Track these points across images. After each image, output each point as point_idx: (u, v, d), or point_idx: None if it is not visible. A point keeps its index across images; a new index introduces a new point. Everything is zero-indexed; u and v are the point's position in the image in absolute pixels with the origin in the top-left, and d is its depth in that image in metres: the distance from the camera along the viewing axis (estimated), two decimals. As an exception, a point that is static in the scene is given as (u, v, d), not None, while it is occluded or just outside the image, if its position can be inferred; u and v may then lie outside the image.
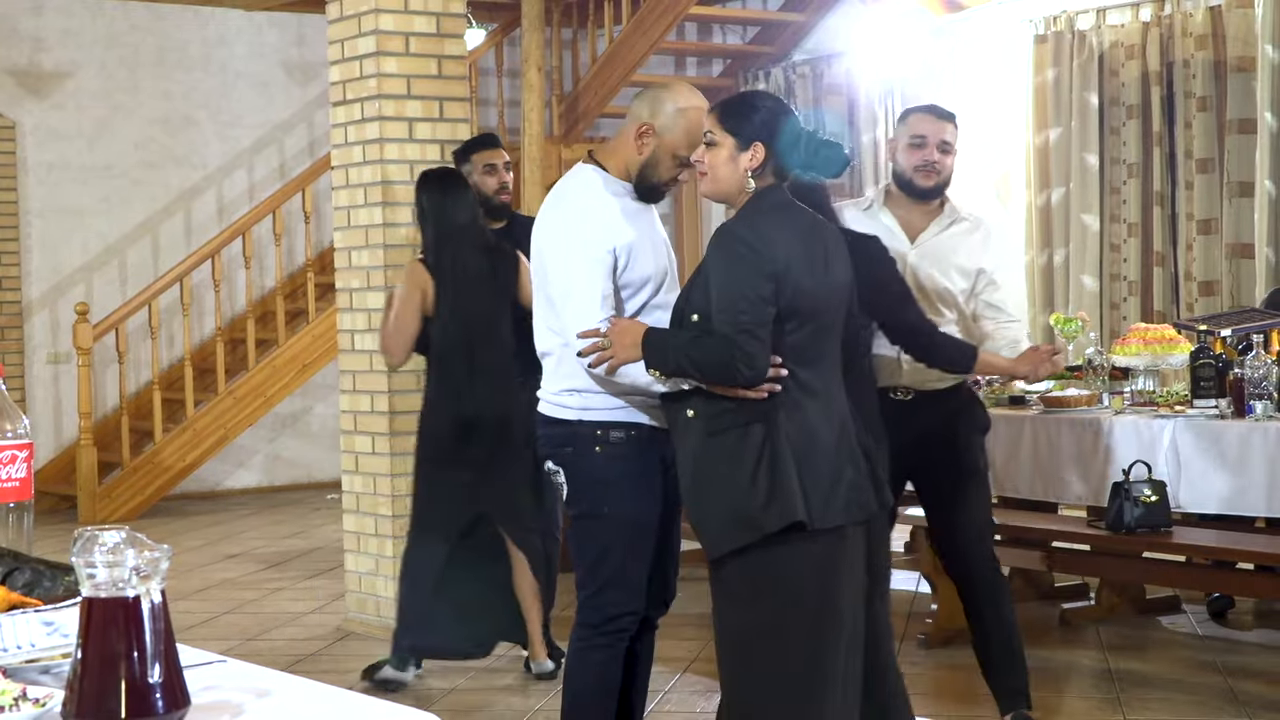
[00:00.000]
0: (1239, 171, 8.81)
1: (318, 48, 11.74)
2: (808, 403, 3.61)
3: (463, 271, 5.80)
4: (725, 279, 3.57)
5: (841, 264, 3.73)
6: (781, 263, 3.55)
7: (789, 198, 3.72)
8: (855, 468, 3.66)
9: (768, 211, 3.65)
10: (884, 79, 10.80)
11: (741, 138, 3.66)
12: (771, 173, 3.68)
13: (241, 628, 7.25)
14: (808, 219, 3.71)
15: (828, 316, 3.67)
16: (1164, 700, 5.61)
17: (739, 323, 3.53)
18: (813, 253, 3.64)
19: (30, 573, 2.20)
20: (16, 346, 11.45)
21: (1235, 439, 5.77)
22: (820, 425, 3.61)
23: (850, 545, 3.66)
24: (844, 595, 3.66)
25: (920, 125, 5.00)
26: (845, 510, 3.61)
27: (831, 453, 3.61)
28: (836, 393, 3.69)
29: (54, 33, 11.49)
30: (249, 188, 12.20)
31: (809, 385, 3.62)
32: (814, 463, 3.58)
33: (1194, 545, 5.98)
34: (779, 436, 3.55)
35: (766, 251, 3.55)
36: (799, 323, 3.59)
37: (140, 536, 1.76)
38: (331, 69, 7.10)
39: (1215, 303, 8.81)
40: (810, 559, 3.59)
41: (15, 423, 2.46)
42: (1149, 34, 9.19)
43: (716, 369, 3.57)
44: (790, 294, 3.56)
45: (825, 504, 3.57)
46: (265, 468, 12.26)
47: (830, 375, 3.69)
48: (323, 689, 1.98)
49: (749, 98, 3.80)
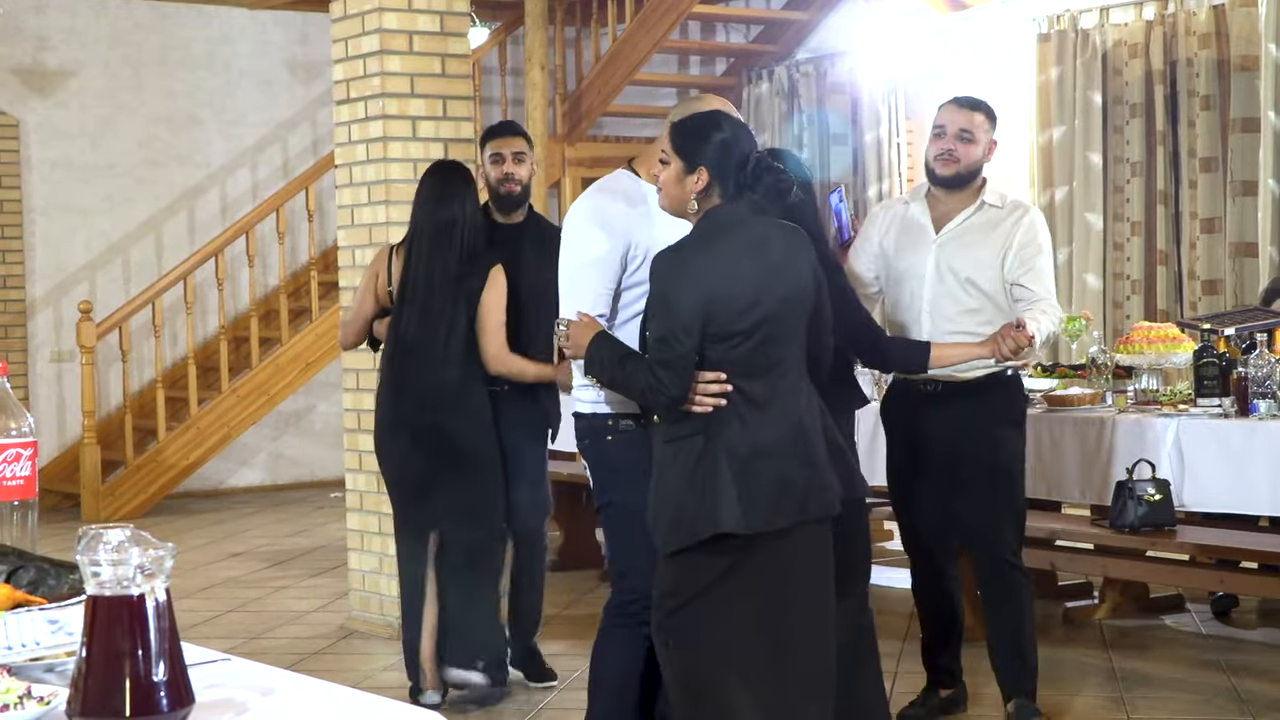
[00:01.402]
0: (1242, 170, 8.81)
1: (321, 46, 11.75)
2: (752, 415, 3.73)
3: (425, 274, 5.55)
4: (656, 308, 3.77)
5: (797, 274, 3.80)
6: (707, 289, 3.69)
7: (736, 216, 3.79)
8: (812, 468, 3.77)
9: (707, 235, 3.79)
10: (887, 78, 10.80)
11: (688, 161, 3.79)
12: (718, 195, 3.78)
13: (245, 626, 7.25)
14: (755, 234, 3.79)
15: (777, 327, 3.75)
16: (1167, 699, 5.60)
17: (658, 353, 3.72)
18: (755, 268, 3.74)
19: (35, 571, 2.20)
20: (20, 345, 11.45)
21: (1239, 438, 5.76)
22: (765, 435, 3.74)
23: (802, 545, 3.79)
24: (793, 594, 3.79)
25: (942, 115, 5.11)
26: (798, 511, 3.76)
27: (779, 459, 3.73)
28: (788, 399, 3.78)
29: (58, 31, 11.50)
30: (252, 186, 12.21)
31: (755, 397, 3.74)
32: (755, 472, 3.71)
33: (1198, 544, 5.98)
34: (718, 448, 3.72)
35: (691, 280, 3.70)
36: (742, 339, 3.72)
37: (145, 535, 1.76)
38: (335, 67, 7.10)
39: (1218, 301, 8.81)
40: (748, 564, 3.75)
41: (20, 421, 2.46)
42: (1152, 33, 9.19)
43: (634, 392, 3.83)
44: (725, 315, 3.70)
45: (768, 510, 3.72)
46: (268, 466, 12.26)
47: (782, 383, 3.78)
48: (327, 687, 1.98)
49: (700, 121, 3.87)
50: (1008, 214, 5.07)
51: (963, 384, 5.03)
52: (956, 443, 5.05)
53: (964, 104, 5.14)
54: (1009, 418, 5.12)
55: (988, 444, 5.05)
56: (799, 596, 3.80)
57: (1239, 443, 5.75)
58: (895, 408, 5.28)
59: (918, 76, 10.62)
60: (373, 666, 6.41)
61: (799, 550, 3.79)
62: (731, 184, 3.77)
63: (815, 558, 3.83)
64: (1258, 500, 5.76)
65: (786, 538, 3.75)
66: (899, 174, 10.92)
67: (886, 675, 5.74)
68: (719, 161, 3.76)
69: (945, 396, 5.06)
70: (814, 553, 3.82)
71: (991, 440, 5.05)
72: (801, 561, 3.80)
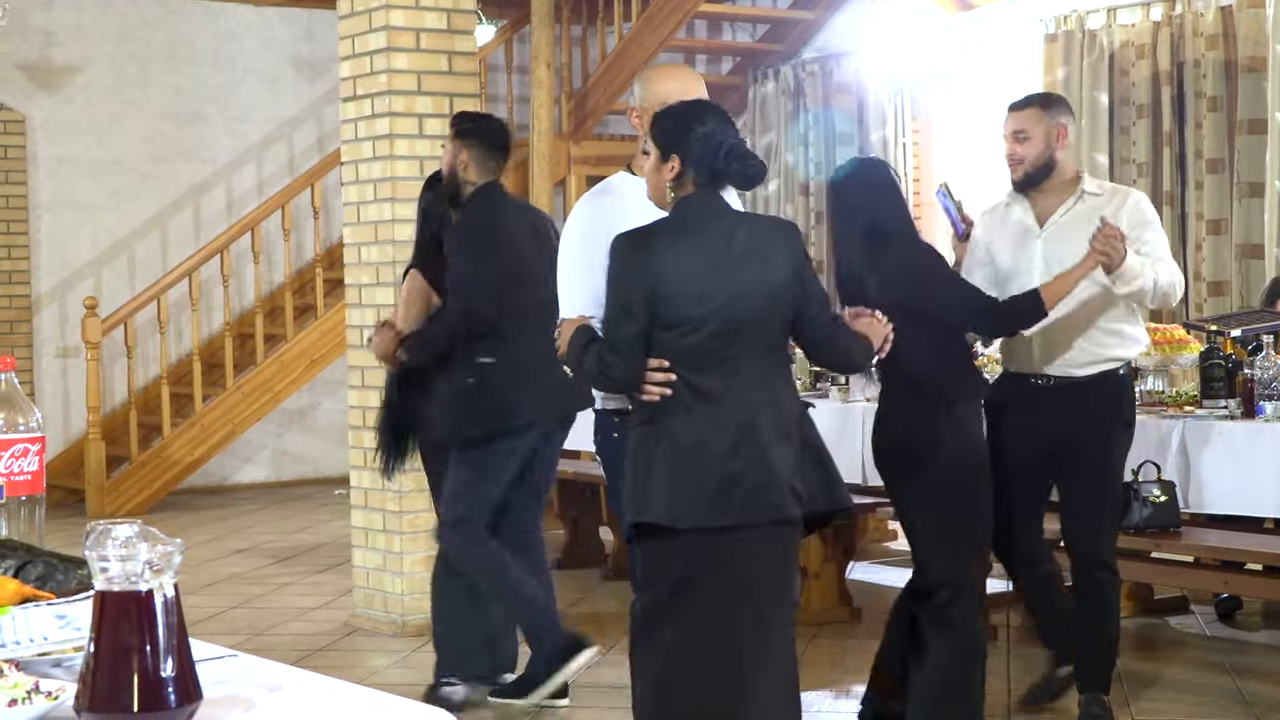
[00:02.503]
0: (1249, 172, 8.80)
1: (327, 43, 11.75)
2: (698, 407, 3.71)
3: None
4: (607, 291, 3.78)
5: (764, 269, 3.74)
6: (656, 274, 3.68)
7: (706, 206, 3.77)
8: (763, 468, 3.70)
9: (669, 222, 3.80)
10: (894, 77, 10.79)
11: (663, 150, 3.80)
12: (691, 183, 3.77)
13: (249, 622, 7.26)
14: (719, 226, 3.76)
15: (730, 321, 3.70)
16: (1172, 701, 5.60)
17: (606, 335, 3.77)
18: (710, 259, 3.70)
19: (43, 566, 2.20)
20: (25, 340, 11.47)
21: (1245, 439, 5.76)
22: (710, 429, 3.70)
23: (757, 547, 3.74)
24: (751, 597, 3.75)
25: (1004, 124, 5.14)
26: (743, 510, 3.69)
27: (722, 456, 3.68)
28: (743, 395, 3.73)
29: (64, 27, 11.50)
30: (258, 183, 12.21)
31: (704, 390, 3.71)
32: (693, 467, 3.69)
33: (1203, 546, 5.98)
34: (661, 438, 3.72)
35: (640, 263, 3.71)
36: (690, 329, 3.69)
37: (153, 530, 1.76)
38: (341, 65, 7.10)
39: (1224, 303, 8.80)
40: (680, 555, 3.74)
41: (27, 416, 2.46)
42: (1159, 33, 9.18)
43: (590, 375, 3.86)
44: (672, 303, 3.68)
45: (706, 506, 3.69)
46: (273, 463, 12.27)
47: (735, 378, 3.73)
48: (334, 684, 1.98)
49: (675, 110, 3.87)
50: (1108, 199, 5.05)
51: (1074, 381, 5.02)
52: (1066, 440, 5.04)
53: (1015, 106, 5.16)
54: (1121, 418, 5.08)
55: (1098, 443, 5.05)
56: (756, 599, 3.76)
57: (1244, 444, 5.75)
58: (1002, 401, 5.16)
59: (924, 76, 10.62)
60: (377, 664, 6.41)
61: (754, 552, 3.74)
62: (705, 172, 3.75)
63: (772, 561, 3.79)
64: (1263, 502, 5.76)
65: (739, 539, 3.71)
66: (905, 174, 10.90)
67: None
68: (691, 149, 3.74)
69: (1057, 391, 5.05)
70: (771, 556, 3.78)
71: (1102, 439, 5.05)
72: (757, 564, 3.76)
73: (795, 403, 3.86)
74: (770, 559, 3.78)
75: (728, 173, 3.77)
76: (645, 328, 3.70)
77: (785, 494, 3.74)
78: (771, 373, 3.80)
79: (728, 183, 3.81)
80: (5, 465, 2.43)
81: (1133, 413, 5.18)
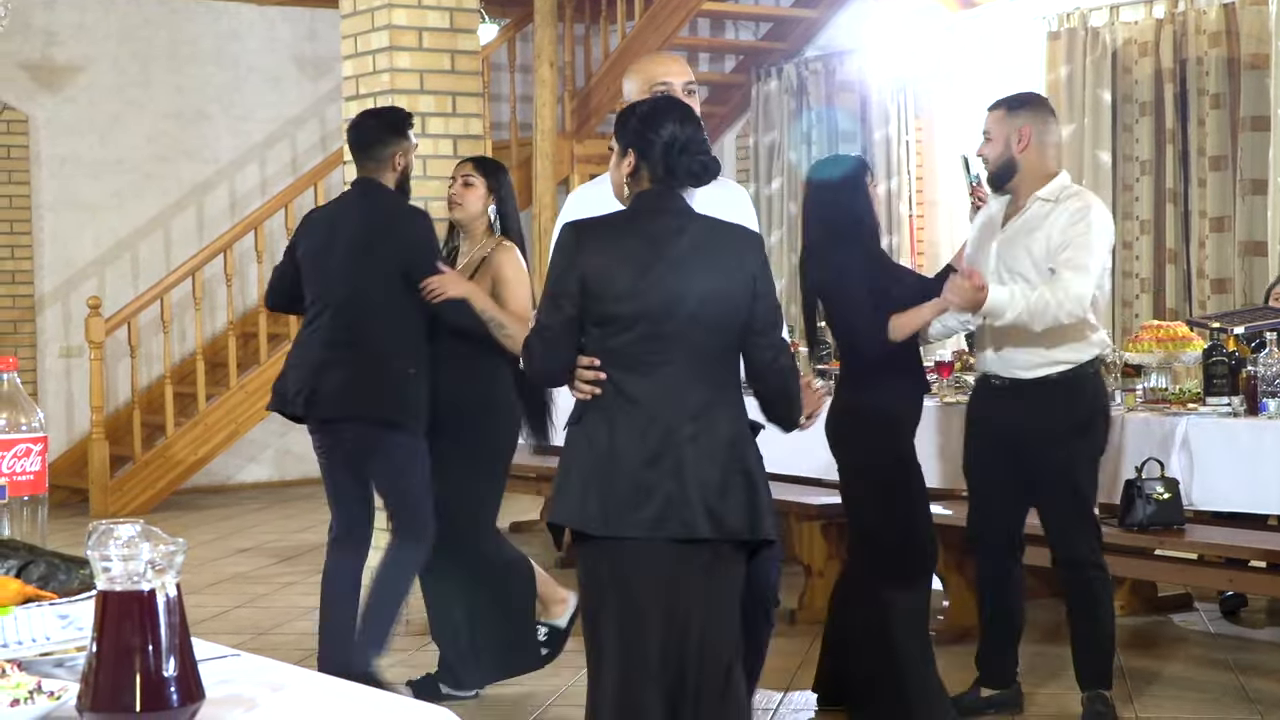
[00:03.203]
0: (1252, 169, 8.79)
1: (330, 42, 11.75)
2: (623, 411, 3.56)
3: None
4: (546, 277, 3.70)
5: (710, 275, 3.59)
6: (588, 266, 3.57)
7: (657, 203, 3.67)
8: (679, 483, 3.53)
9: (616, 216, 3.73)
10: (896, 75, 10.78)
11: (620, 145, 3.74)
12: (647, 178, 3.69)
13: (252, 622, 7.26)
14: (664, 225, 3.63)
15: (663, 325, 3.56)
16: (1175, 698, 5.60)
17: (535, 323, 3.71)
18: (644, 259, 3.58)
19: (45, 566, 2.20)
20: (29, 340, 11.47)
21: (1248, 437, 5.76)
22: (629, 436, 3.54)
23: (665, 564, 3.56)
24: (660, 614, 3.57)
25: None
26: (653, 524, 3.53)
27: (638, 465, 3.53)
28: (670, 403, 3.55)
29: (67, 26, 11.51)
30: (261, 182, 12.21)
31: (631, 394, 3.57)
32: (609, 471, 3.55)
33: (1206, 543, 5.98)
34: (583, 439, 3.61)
35: (575, 253, 3.61)
36: (618, 329, 3.57)
37: (155, 530, 1.76)
38: (344, 64, 7.10)
39: (1227, 300, 8.79)
40: (588, 562, 3.65)
41: (30, 416, 2.46)
42: (1162, 31, 9.17)
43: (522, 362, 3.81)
44: (600, 299, 3.56)
45: (615, 514, 3.53)
46: (276, 462, 12.27)
47: (664, 385, 3.56)
48: (337, 683, 1.98)
49: (635, 107, 3.82)
50: (1054, 207, 5.05)
51: (1023, 382, 5.07)
52: (1022, 444, 5.09)
53: (989, 108, 5.23)
54: (1070, 419, 5.06)
55: (1049, 445, 5.06)
56: (662, 623, 3.58)
57: (1248, 442, 5.75)
58: (973, 402, 5.38)
59: (927, 74, 10.61)
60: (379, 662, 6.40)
61: (662, 568, 3.56)
62: (659, 167, 3.67)
63: (683, 584, 3.58)
64: (1267, 499, 5.76)
65: (652, 552, 3.55)
66: (908, 172, 10.91)
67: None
68: (644, 144, 3.68)
69: (1011, 394, 5.11)
70: (682, 575, 3.57)
71: (1052, 441, 5.05)
72: (664, 582, 3.57)
73: (735, 421, 3.65)
74: (681, 581, 3.58)
75: (680, 170, 3.67)
76: (573, 320, 3.59)
77: (695, 513, 3.53)
78: (708, 384, 3.60)
79: (680, 179, 3.69)
80: (8, 465, 2.43)
81: (1089, 414, 5.10)
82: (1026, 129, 5.07)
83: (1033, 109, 5.17)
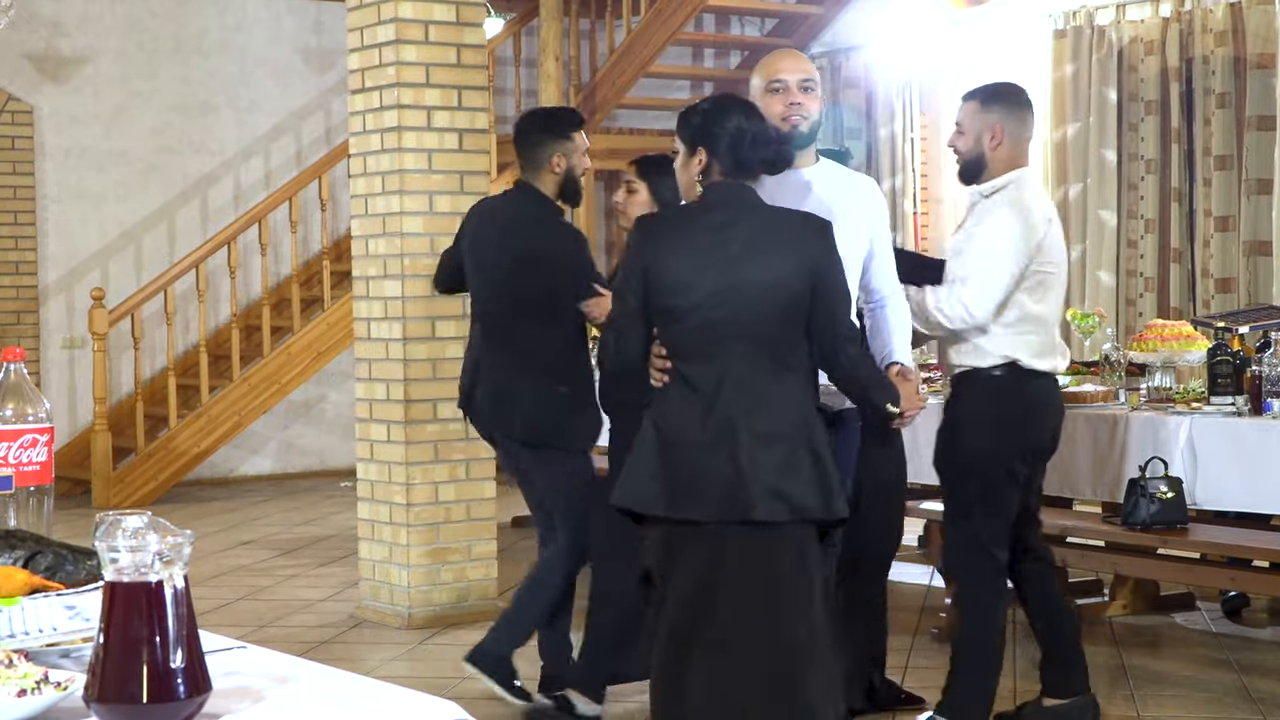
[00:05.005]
0: (1257, 168, 8.79)
1: (336, 35, 11.75)
2: (681, 397, 3.72)
3: None
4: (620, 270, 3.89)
5: (768, 264, 3.69)
6: (650, 259, 3.73)
7: (725, 196, 3.78)
8: (736, 468, 3.63)
9: (684, 209, 3.88)
10: (902, 72, 10.78)
11: (687, 144, 3.84)
12: (719, 173, 3.79)
13: (255, 614, 7.26)
14: (724, 217, 3.74)
15: (719, 314, 3.68)
16: (1177, 697, 5.60)
17: (612, 314, 3.87)
18: (703, 250, 3.71)
19: (52, 556, 2.20)
20: (32, 331, 11.47)
21: (1252, 436, 5.75)
22: (687, 422, 3.70)
23: (733, 547, 3.68)
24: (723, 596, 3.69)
25: None
26: (718, 508, 3.65)
27: (699, 450, 3.67)
28: (731, 391, 3.67)
29: (73, 18, 11.50)
30: (265, 175, 12.21)
31: (691, 380, 3.72)
32: (671, 455, 3.71)
33: (1209, 542, 5.97)
34: (650, 425, 3.77)
35: (640, 247, 3.77)
36: (677, 318, 3.72)
37: (163, 521, 1.76)
38: (350, 56, 7.10)
39: (1232, 300, 8.79)
40: (656, 543, 3.79)
41: (36, 407, 2.46)
42: (1169, 30, 9.17)
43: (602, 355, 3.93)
44: (660, 290, 3.72)
45: (681, 498, 3.69)
46: (279, 455, 12.28)
47: (726, 374, 3.68)
48: (342, 675, 1.98)
49: (697, 105, 3.92)
50: (976, 203, 5.02)
51: (951, 378, 5.04)
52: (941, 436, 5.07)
53: (963, 97, 5.10)
54: (961, 418, 4.92)
55: (944, 438, 5.00)
56: (729, 599, 3.70)
57: (1252, 441, 5.75)
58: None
59: (933, 71, 10.61)
60: (382, 656, 6.42)
61: (729, 551, 3.68)
62: (729, 160, 3.76)
63: (747, 563, 3.70)
64: (1270, 499, 5.76)
65: (719, 535, 3.67)
66: (913, 169, 10.91)
67: (896, 671, 5.75)
68: (715, 141, 3.77)
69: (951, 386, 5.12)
70: (746, 558, 3.69)
71: (947, 435, 4.99)
72: (731, 563, 3.69)
73: (800, 405, 3.74)
74: (752, 562, 3.69)
75: (752, 162, 3.77)
76: (637, 311, 3.75)
77: (756, 494, 3.64)
78: (769, 371, 3.70)
79: (754, 172, 3.80)
80: (14, 455, 2.43)
81: (982, 418, 4.86)
82: (999, 126, 4.91)
83: (1007, 104, 4.96)
